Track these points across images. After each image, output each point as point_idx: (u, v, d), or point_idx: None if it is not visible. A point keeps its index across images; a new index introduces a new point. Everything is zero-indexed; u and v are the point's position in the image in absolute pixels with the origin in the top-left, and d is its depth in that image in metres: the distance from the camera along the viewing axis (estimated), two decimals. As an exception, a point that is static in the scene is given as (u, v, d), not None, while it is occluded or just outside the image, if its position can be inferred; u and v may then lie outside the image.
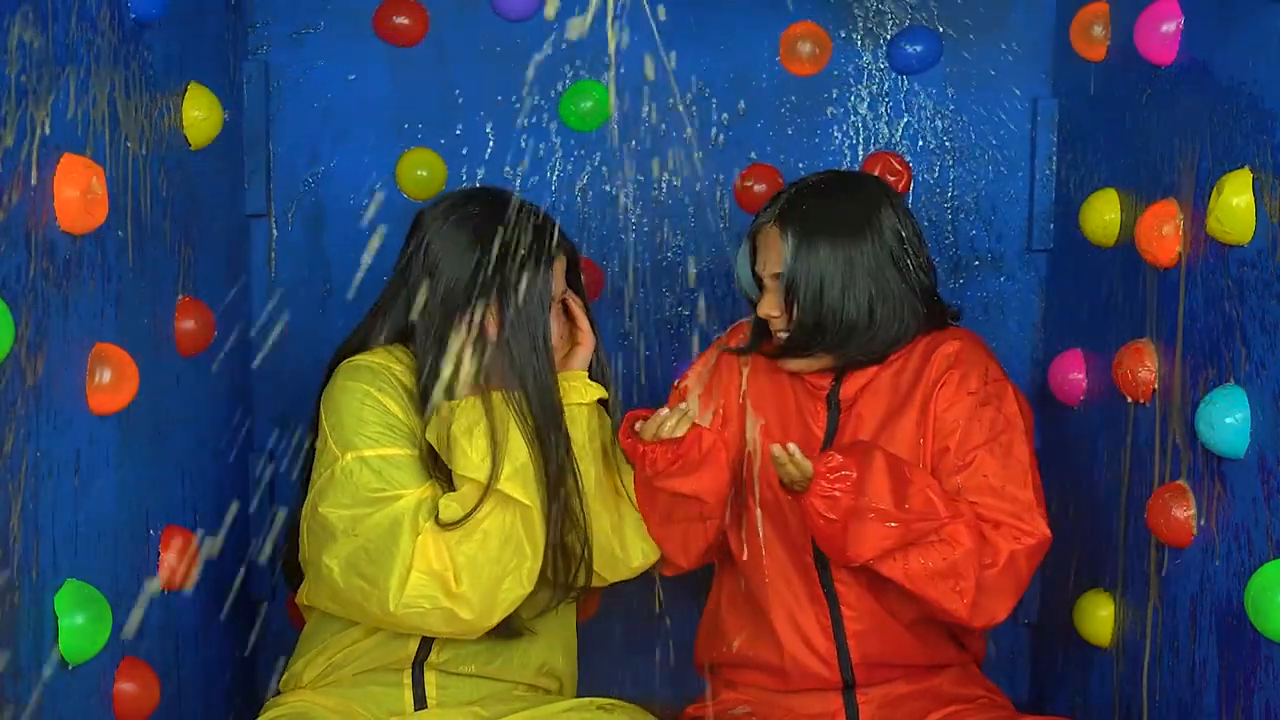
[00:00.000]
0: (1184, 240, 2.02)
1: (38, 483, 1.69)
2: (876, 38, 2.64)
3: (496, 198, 2.19)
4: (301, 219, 2.64)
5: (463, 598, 2.05)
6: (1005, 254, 2.67)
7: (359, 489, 2.06)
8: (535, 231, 2.14)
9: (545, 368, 2.14)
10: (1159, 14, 2.08)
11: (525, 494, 2.08)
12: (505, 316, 2.12)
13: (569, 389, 2.19)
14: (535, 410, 2.13)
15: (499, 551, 2.07)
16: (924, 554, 2.09)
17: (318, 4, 2.61)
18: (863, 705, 2.27)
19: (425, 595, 2.04)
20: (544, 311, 2.14)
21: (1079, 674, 2.43)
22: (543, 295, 2.14)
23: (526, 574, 2.10)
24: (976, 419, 2.19)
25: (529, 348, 2.13)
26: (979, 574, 2.10)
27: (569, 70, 2.63)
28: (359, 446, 2.09)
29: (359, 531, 2.05)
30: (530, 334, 2.13)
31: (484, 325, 2.12)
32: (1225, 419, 1.84)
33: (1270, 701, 1.75)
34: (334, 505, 2.06)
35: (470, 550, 2.05)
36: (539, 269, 2.13)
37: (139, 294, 2.03)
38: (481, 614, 2.08)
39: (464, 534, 2.05)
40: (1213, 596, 1.92)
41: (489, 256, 2.11)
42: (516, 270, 2.11)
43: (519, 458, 2.09)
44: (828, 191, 2.23)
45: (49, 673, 1.71)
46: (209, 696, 2.37)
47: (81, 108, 1.82)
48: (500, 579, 2.08)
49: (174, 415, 2.18)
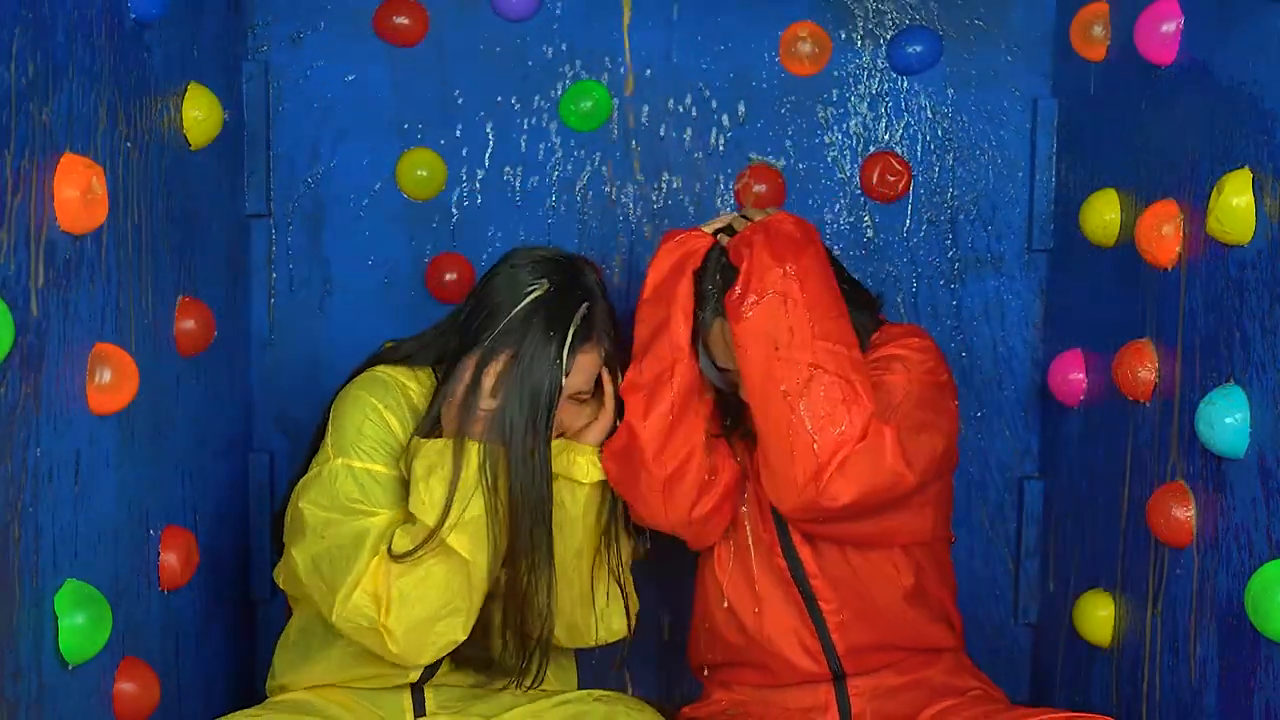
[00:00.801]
0: (1184, 240, 2.02)
1: (38, 483, 1.69)
2: (876, 38, 2.64)
3: (576, 270, 2.18)
4: (301, 219, 2.64)
5: (389, 630, 2.05)
6: (1005, 254, 2.67)
7: (338, 495, 2.09)
8: (572, 316, 2.12)
9: (534, 446, 2.09)
10: (1159, 14, 2.08)
11: (469, 549, 2.08)
12: (511, 376, 2.09)
13: (573, 463, 2.18)
14: (512, 478, 2.10)
15: (436, 594, 2.06)
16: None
17: (318, 4, 2.61)
18: (854, 697, 2.28)
19: (363, 615, 2.06)
20: (549, 391, 2.10)
21: (1079, 674, 2.43)
22: (551, 376, 2.09)
23: (462, 623, 2.09)
24: (878, 361, 2.21)
25: (523, 419, 2.09)
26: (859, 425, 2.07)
27: (569, 70, 2.63)
28: (350, 456, 2.11)
29: (327, 535, 2.08)
30: (528, 406, 2.09)
31: (483, 375, 2.10)
32: (1225, 419, 1.83)
33: (1270, 701, 1.75)
34: (312, 503, 2.10)
35: (405, 586, 2.05)
36: (557, 351, 2.10)
37: (139, 294, 2.03)
38: (407, 649, 2.07)
39: (405, 569, 2.06)
40: (1213, 596, 1.92)
41: (517, 313, 2.10)
42: (533, 340, 2.10)
43: (472, 512, 2.07)
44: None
45: (49, 673, 1.71)
46: (209, 696, 2.37)
47: (81, 108, 1.82)
48: (432, 621, 2.07)
49: (174, 415, 2.18)
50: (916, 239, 2.67)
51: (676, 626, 2.66)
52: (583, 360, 2.14)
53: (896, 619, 2.27)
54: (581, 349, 2.14)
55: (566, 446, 2.19)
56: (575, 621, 2.23)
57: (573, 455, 2.18)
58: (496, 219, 2.65)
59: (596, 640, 2.25)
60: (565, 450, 2.19)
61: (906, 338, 2.27)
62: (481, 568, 2.09)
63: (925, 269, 2.67)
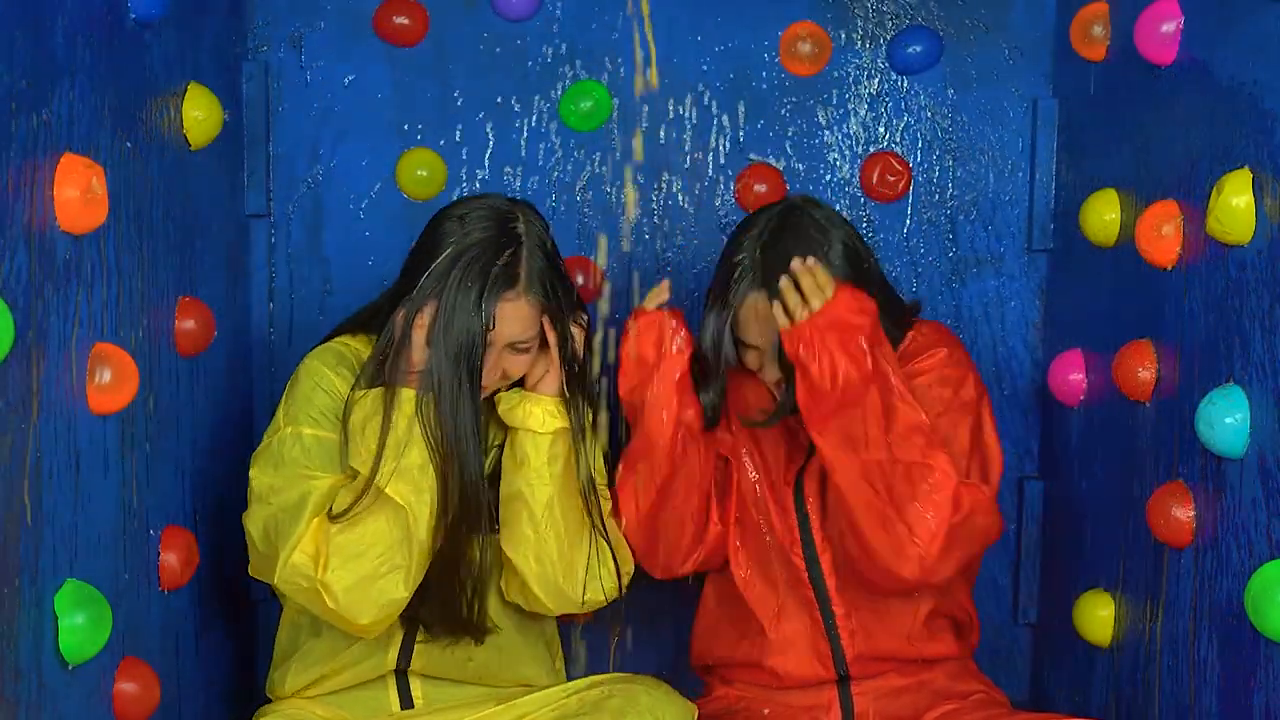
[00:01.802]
0: (1184, 240, 2.02)
1: (38, 483, 1.69)
2: (876, 38, 2.64)
3: (504, 217, 2.13)
4: (301, 219, 2.64)
5: (328, 586, 2.04)
6: (1005, 254, 2.67)
7: (285, 461, 2.11)
8: (493, 263, 2.08)
9: (462, 396, 2.07)
10: (1159, 14, 2.08)
11: (408, 497, 2.06)
12: (436, 327, 2.07)
13: (529, 414, 2.14)
14: (444, 429, 2.08)
15: (374, 549, 2.05)
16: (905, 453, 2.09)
17: (318, 4, 2.61)
18: (858, 698, 2.28)
19: (301, 574, 2.05)
20: (472, 340, 2.07)
21: (1079, 674, 2.43)
22: (472, 324, 2.06)
23: (403, 580, 2.07)
24: (931, 394, 2.19)
25: (450, 369, 2.06)
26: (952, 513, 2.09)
27: (569, 70, 2.63)
28: (300, 423, 2.13)
29: (274, 501, 2.09)
30: (453, 356, 2.06)
31: (413, 327, 2.09)
32: (1225, 419, 1.83)
33: (1270, 701, 1.75)
34: (261, 470, 2.12)
35: (343, 541, 2.04)
36: (477, 299, 2.06)
37: (139, 294, 2.03)
38: (348, 607, 2.05)
39: (345, 525, 2.05)
40: (1213, 596, 1.92)
41: (440, 263, 2.09)
42: (453, 289, 2.07)
43: (409, 459, 2.06)
44: (799, 246, 2.16)
45: (49, 673, 1.71)
46: (209, 696, 2.37)
47: (81, 108, 1.82)
48: (373, 578, 2.06)
49: (174, 415, 2.18)
50: (916, 239, 2.67)
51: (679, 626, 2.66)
52: (508, 308, 2.09)
53: (907, 631, 2.27)
54: (504, 296, 2.08)
55: (523, 398, 2.15)
56: (557, 582, 2.16)
57: (528, 406, 2.14)
58: (496, 219, 2.64)
59: (583, 603, 2.19)
60: (522, 402, 2.15)
61: (929, 358, 2.24)
62: (421, 519, 2.06)
63: (925, 269, 2.67)
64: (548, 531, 2.15)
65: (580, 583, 2.17)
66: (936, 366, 2.22)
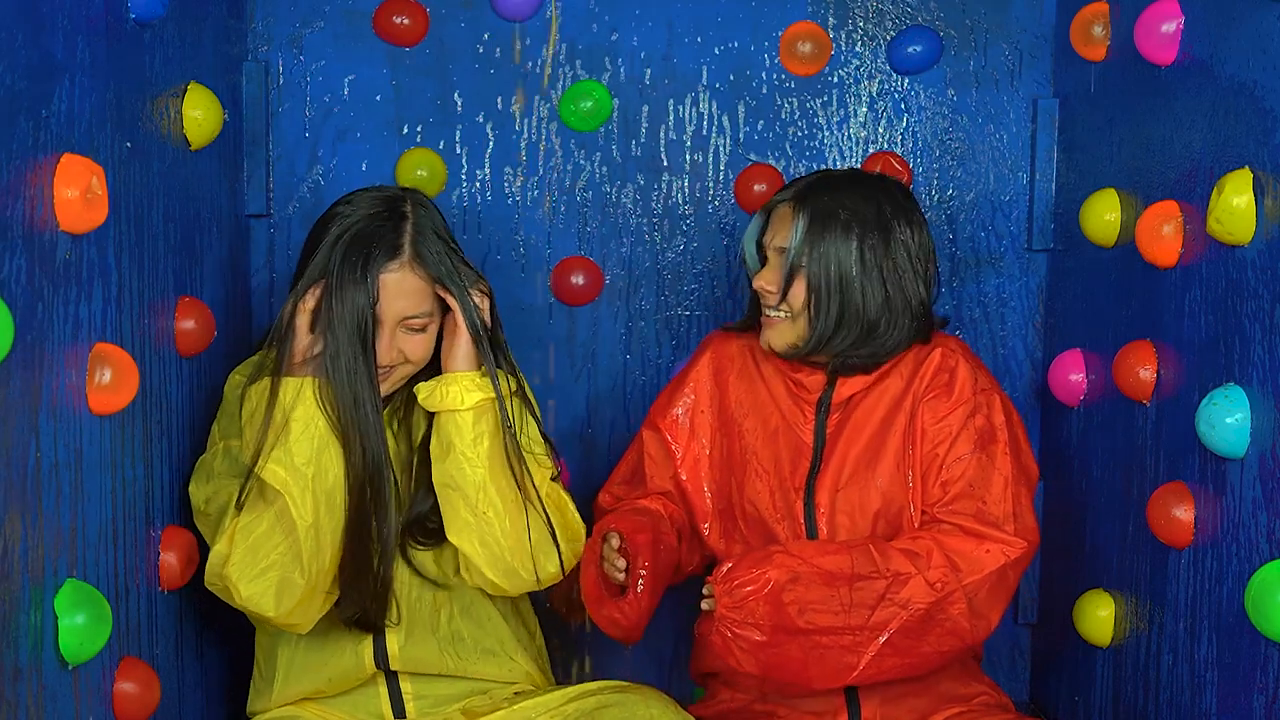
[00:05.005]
0: (1184, 240, 2.02)
1: (38, 483, 1.69)
2: (876, 38, 2.64)
3: (389, 199, 2.16)
4: (301, 219, 2.64)
5: (230, 579, 2.08)
6: (1005, 254, 2.67)
7: (214, 474, 2.16)
8: (374, 238, 2.10)
9: (357, 374, 2.07)
10: (1159, 14, 2.08)
11: (285, 483, 2.06)
12: (325, 308, 2.08)
13: (445, 394, 2.13)
14: (341, 411, 2.08)
15: (267, 541, 2.07)
16: (902, 632, 2.12)
17: (318, 4, 2.61)
18: (864, 701, 2.27)
19: (215, 573, 2.10)
20: (360, 315, 2.07)
21: (1079, 674, 2.43)
22: (357, 299, 2.06)
23: (298, 566, 2.07)
24: (965, 429, 2.21)
25: (344, 349, 2.07)
26: (966, 597, 2.12)
27: (569, 70, 2.63)
28: (227, 436, 2.18)
29: (210, 511, 2.15)
30: (343, 334, 2.07)
31: (297, 312, 2.10)
32: (1225, 419, 1.83)
33: (1270, 701, 1.75)
34: (196, 486, 2.18)
35: (242, 538, 2.08)
36: (361, 273, 2.07)
37: (139, 294, 2.03)
38: (250, 598, 2.08)
39: (247, 523, 2.08)
40: (1213, 596, 1.92)
41: (323, 245, 2.11)
42: (338, 267, 2.08)
43: (288, 445, 2.06)
44: (850, 187, 2.24)
45: (49, 673, 1.71)
46: (209, 696, 2.37)
47: (81, 108, 1.82)
48: (265, 569, 2.07)
49: (174, 415, 2.18)
50: (916, 239, 2.66)
51: (680, 626, 2.66)
52: (391, 279, 2.09)
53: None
54: (387, 268, 2.09)
55: (439, 380, 2.14)
56: (508, 562, 2.14)
57: (444, 387, 2.13)
58: (496, 219, 2.65)
59: (527, 582, 2.17)
60: (439, 384, 2.14)
61: (959, 388, 2.26)
62: (305, 507, 2.06)
63: (925, 269, 2.67)
64: (487, 512, 2.13)
65: (531, 559, 2.15)
66: (959, 404, 2.24)
